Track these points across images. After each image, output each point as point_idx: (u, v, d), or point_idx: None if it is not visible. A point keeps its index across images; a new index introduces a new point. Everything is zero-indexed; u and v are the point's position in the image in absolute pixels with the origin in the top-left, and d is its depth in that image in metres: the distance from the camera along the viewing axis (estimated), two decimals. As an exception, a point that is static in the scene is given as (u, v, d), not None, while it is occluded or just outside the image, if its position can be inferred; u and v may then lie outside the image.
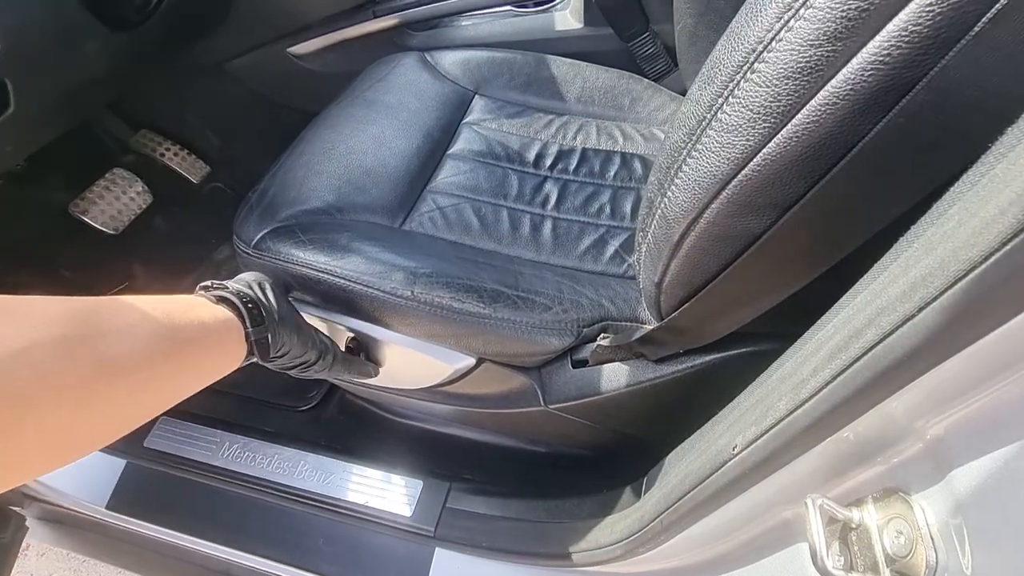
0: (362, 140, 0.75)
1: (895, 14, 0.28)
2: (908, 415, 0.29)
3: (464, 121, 0.84)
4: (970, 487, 0.26)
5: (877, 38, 0.28)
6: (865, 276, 0.33)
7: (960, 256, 0.22)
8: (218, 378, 0.43)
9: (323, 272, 0.61)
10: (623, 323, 0.60)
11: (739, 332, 0.52)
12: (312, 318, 0.64)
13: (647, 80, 0.91)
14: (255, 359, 0.48)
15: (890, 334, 0.26)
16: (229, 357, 0.45)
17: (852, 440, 0.32)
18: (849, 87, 0.30)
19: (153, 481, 0.82)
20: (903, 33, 0.28)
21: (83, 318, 0.31)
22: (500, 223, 0.71)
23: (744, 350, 0.55)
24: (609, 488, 0.68)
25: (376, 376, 0.66)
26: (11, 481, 0.28)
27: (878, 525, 0.30)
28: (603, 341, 0.58)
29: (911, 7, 0.27)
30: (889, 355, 0.26)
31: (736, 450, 0.38)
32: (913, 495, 0.29)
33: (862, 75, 0.29)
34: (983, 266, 0.22)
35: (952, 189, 0.27)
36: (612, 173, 0.78)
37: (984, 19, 0.26)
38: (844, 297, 0.35)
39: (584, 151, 0.81)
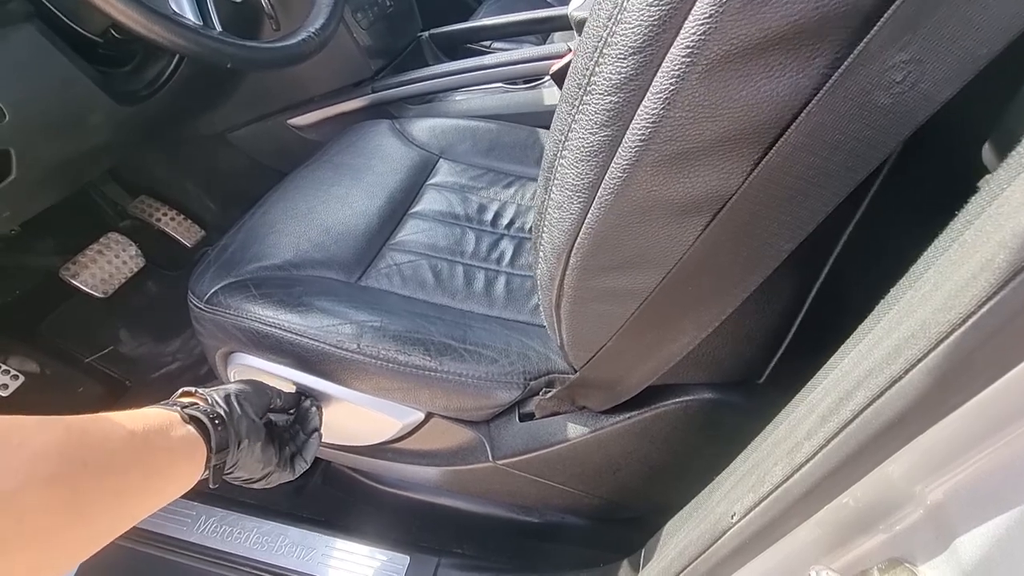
0: (325, 200, 0.76)
1: (640, 102, 0.32)
2: (906, 480, 0.29)
3: (428, 182, 0.86)
4: (975, 557, 0.25)
5: (632, 126, 0.33)
6: (850, 338, 0.33)
7: (939, 318, 0.23)
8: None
9: (271, 326, 0.60)
10: (569, 376, 0.59)
11: (670, 384, 0.53)
12: (262, 373, 0.63)
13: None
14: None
15: (879, 396, 0.26)
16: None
17: (852, 507, 0.31)
18: (627, 163, 0.34)
19: (120, 559, 0.77)
20: (652, 117, 0.32)
21: (73, 455, 0.34)
22: (455, 279, 0.71)
23: (678, 400, 0.55)
24: (606, 562, 0.65)
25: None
26: None
27: (885, 599, 0.29)
28: (547, 393, 0.58)
29: (650, 93, 0.31)
30: (880, 417, 0.26)
31: (735, 518, 0.36)
32: (919, 566, 0.28)
33: (633, 153, 0.33)
34: (963, 327, 0.22)
35: (925, 255, 0.28)
36: None
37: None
38: (832, 359, 0.35)
39: None
